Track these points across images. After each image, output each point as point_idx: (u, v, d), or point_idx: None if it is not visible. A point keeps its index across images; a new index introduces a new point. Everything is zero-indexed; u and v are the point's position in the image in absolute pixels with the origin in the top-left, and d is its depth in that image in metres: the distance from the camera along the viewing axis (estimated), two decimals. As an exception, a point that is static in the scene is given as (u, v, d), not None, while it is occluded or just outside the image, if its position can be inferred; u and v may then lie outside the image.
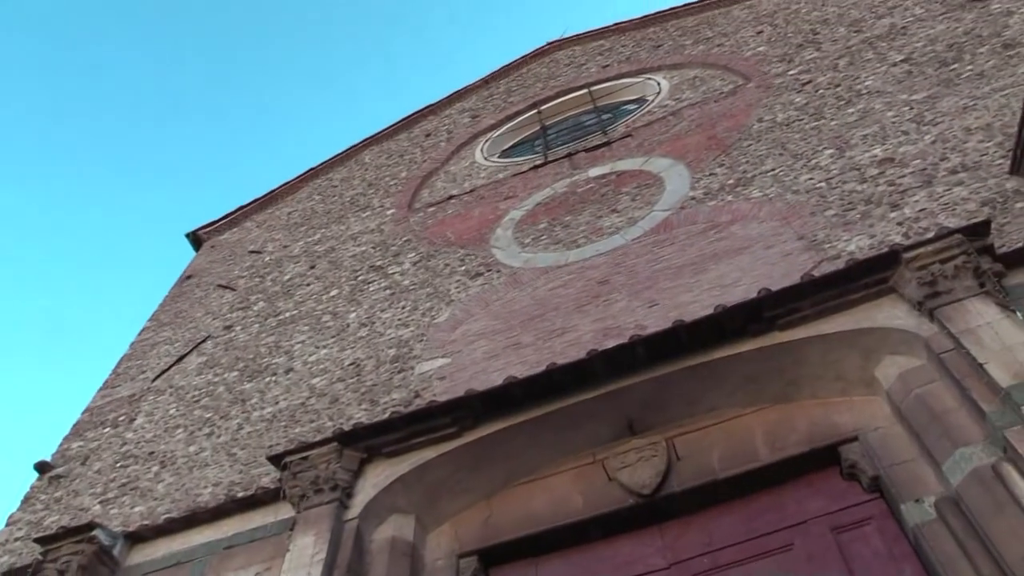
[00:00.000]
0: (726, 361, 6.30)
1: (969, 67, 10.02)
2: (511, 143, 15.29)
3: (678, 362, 6.38)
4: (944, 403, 5.45)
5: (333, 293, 11.63)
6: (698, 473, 6.16)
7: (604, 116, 14.50)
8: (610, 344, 6.95)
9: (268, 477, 7.79)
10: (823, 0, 14.40)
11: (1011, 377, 5.02)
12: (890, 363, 5.93)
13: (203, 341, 11.85)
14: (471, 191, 13.16)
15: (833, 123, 10.20)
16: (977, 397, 5.15)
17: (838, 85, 11.13)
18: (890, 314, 6.01)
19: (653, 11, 17.64)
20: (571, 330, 8.41)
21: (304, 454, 6.84)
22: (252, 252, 14.45)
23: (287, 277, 12.84)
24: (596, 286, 8.98)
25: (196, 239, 16.05)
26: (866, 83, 10.82)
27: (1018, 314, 5.54)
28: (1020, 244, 6.35)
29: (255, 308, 12.25)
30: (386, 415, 7.61)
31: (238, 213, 16.46)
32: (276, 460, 6.99)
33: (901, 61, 10.97)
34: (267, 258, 13.96)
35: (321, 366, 9.88)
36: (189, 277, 14.56)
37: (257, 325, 11.66)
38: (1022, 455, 4.73)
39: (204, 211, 50.40)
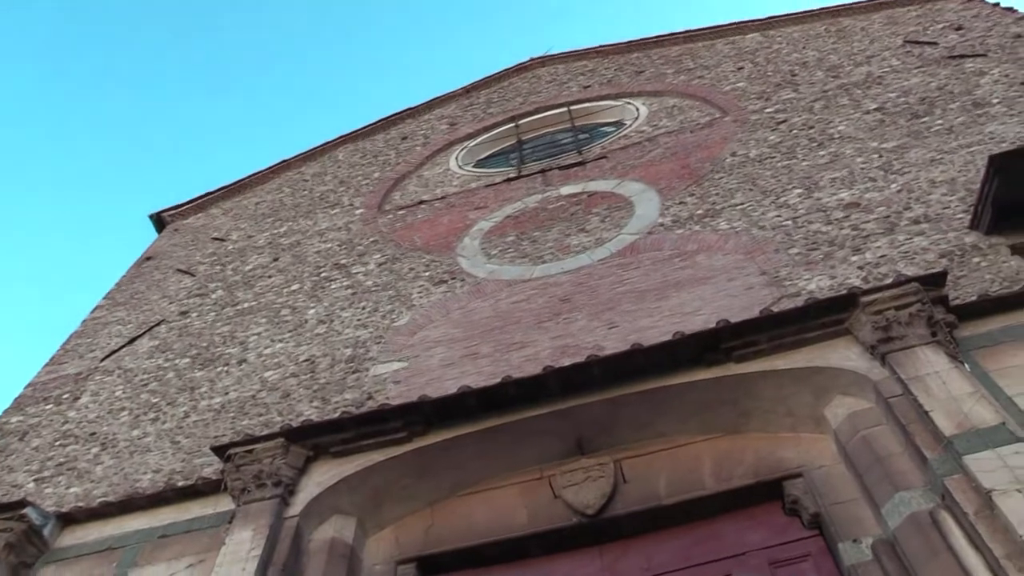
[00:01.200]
0: (680, 388, 6.35)
1: (939, 121, 10.25)
2: (486, 154, 15.32)
3: (633, 385, 6.41)
4: (888, 447, 5.54)
5: (294, 287, 11.52)
6: (643, 497, 6.18)
7: (581, 136, 14.59)
8: (567, 362, 6.97)
9: (211, 468, 7.67)
10: (804, 43, 14.66)
11: (954, 427, 5.11)
12: (840, 403, 6.02)
13: (157, 325, 11.66)
14: (442, 198, 13.14)
15: (804, 163, 10.36)
16: (920, 444, 5.23)
17: (812, 127, 11.32)
18: (843, 355, 6.10)
19: (639, 37, 17.84)
20: (530, 345, 8.42)
21: (249, 447, 6.74)
22: (215, 239, 14.27)
23: (249, 267, 12.70)
24: (558, 303, 9.00)
25: (160, 221, 15.83)
26: (839, 127, 11.02)
27: (966, 366, 5.66)
28: (974, 298, 6.49)
29: (213, 296, 12.09)
30: (337, 414, 7.55)
31: (205, 198, 16.27)
32: (220, 451, 6.88)
33: (874, 109, 11.19)
34: (230, 246, 13.80)
35: (275, 360, 9.77)
36: (149, 259, 14.34)
37: (214, 313, 11.51)
38: (960, 504, 4.81)
39: (171, 193, 49.84)
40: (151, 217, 15.86)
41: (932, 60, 12.13)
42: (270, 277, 12.11)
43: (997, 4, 13.46)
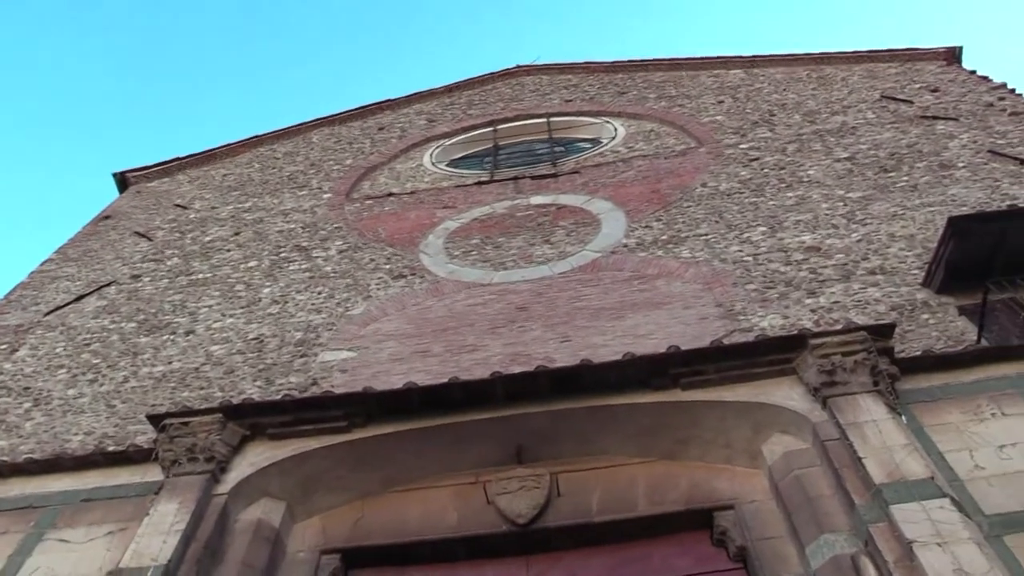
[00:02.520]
0: (624, 409, 6.38)
1: (905, 178, 10.48)
2: (461, 154, 15.31)
3: (578, 400, 6.43)
4: (819, 488, 5.62)
5: (252, 264, 11.39)
6: (575, 512, 6.20)
7: (557, 148, 14.65)
8: (516, 370, 6.98)
9: (144, 436, 7.54)
10: (785, 85, 14.90)
11: (885, 476, 5.21)
12: (777, 440, 6.10)
13: (107, 285, 11.45)
14: (412, 193, 13.10)
15: (771, 203, 10.52)
16: (851, 489, 5.32)
17: (783, 168, 11.49)
18: (787, 394, 6.19)
19: (625, 59, 17.98)
20: (481, 349, 8.42)
21: (186, 419, 6.63)
22: (178, 206, 14.07)
23: (208, 238, 12.53)
24: (514, 311, 9.02)
25: (123, 181, 15.56)
26: (809, 172, 11.21)
27: (903, 418, 5.78)
28: (918, 353, 6.64)
29: (168, 263, 11.91)
30: (279, 396, 7.46)
31: (172, 163, 16.03)
32: (156, 420, 6.75)
33: (845, 158, 11.40)
34: (192, 215, 13.61)
35: (224, 335, 9.65)
36: (107, 217, 14.08)
37: (167, 280, 11.33)
38: (881, 552, 4.90)
39: (140, 155, 49.02)
40: (115, 176, 15.59)
41: (906, 117, 12.40)
42: (228, 251, 11.96)
43: (974, 72, 13.81)
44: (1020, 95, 12.42)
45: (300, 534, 6.44)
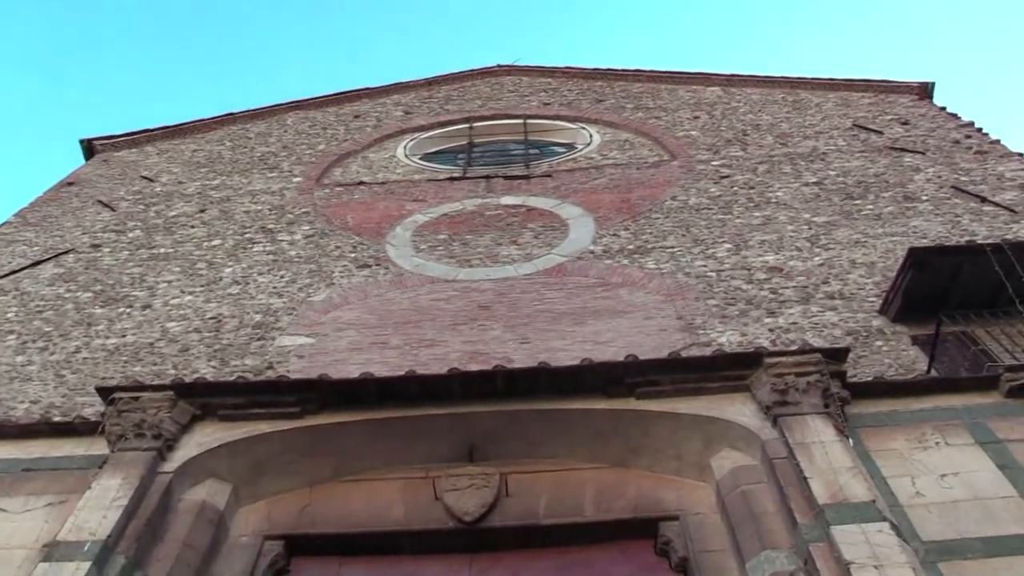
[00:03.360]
0: (578, 414, 6.41)
1: (871, 206, 10.66)
2: (435, 149, 15.26)
3: (533, 403, 6.45)
4: (764, 505, 5.70)
5: (215, 243, 11.26)
6: (523, 514, 6.22)
7: (531, 150, 14.68)
8: (474, 368, 6.98)
9: (92, 409, 7.42)
10: (761, 106, 15.07)
11: (828, 497, 5.30)
12: (727, 455, 6.17)
13: (65, 253, 11.24)
14: (383, 183, 13.04)
15: (738, 221, 10.64)
16: (794, 507, 5.41)
17: (752, 187, 11.63)
18: (739, 410, 6.26)
19: (606, 67, 18.06)
20: (441, 344, 8.41)
21: (136, 394, 6.53)
22: (144, 178, 13.85)
23: (173, 213, 12.36)
24: (477, 309, 9.02)
25: (90, 148, 15.28)
26: (777, 193, 11.35)
27: (850, 441, 5.88)
28: (870, 378, 6.77)
29: (130, 235, 11.72)
30: (233, 378, 7.39)
31: (142, 135, 15.78)
32: (105, 393, 6.65)
33: (813, 183, 11.56)
34: (158, 188, 13.41)
35: (181, 312, 9.53)
36: (71, 184, 13.82)
37: (127, 252, 11.16)
38: (820, 571, 4.99)
39: (109, 124, 48.19)
40: (82, 143, 15.30)
41: (875, 147, 12.62)
42: (193, 227, 11.81)
43: (944, 109, 14.09)
44: (987, 134, 12.70)
45: (244, 518, 6.38)
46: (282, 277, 10.15)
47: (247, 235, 11.43)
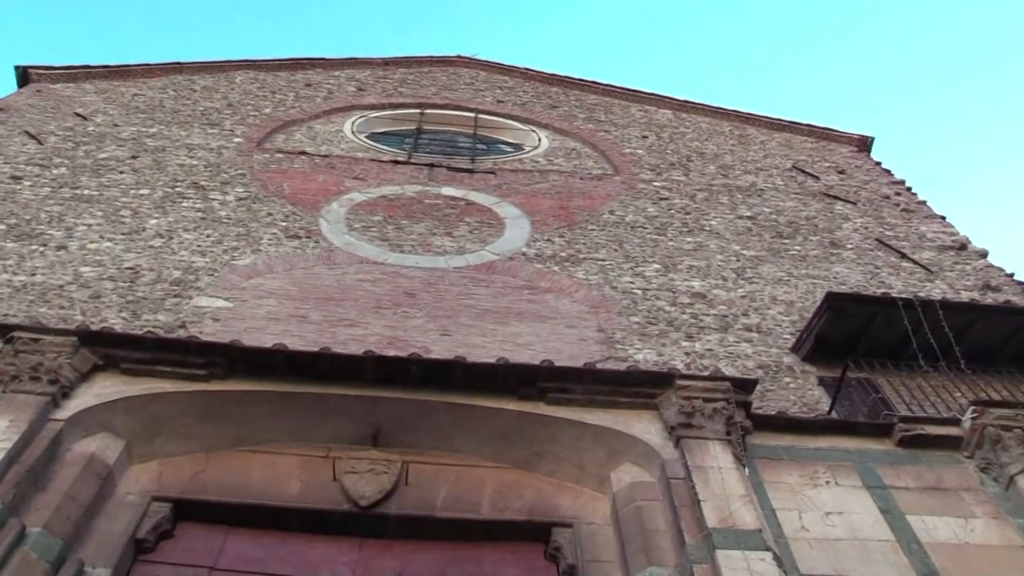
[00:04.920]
0: (487, 412, 6.43)
1: (798, 247, 10.96)
2: (383, 130, 15.12)
3: (444, 395, 6.44)
4: (656, 522, 5.80)
5: (143, 192, 10.93)
6: (419, 504, 6.20)
7: (479, 145, 14.66)
8: (391, 353, 6.94)
9: (-13, 345, 7.11)
10: (708, 136, 15.36)
11: (718, 521, 5.44)
12: (627, 470, 6.26)
13: (-19, 180, 10.77)
14: (325, 156, 12.86)
15: (671, 243, 10.82)
16: (684, 528, 5.52)
17: (688, 213, 11.84)
18: (645, 427, 6.36)
19: (563, 74, 18.15)
20: (361, 326, 8.34)
21: (37, 336, 6.30)
22: (78, 115, 13.36)
23: (103, 155, 11.96)
24: (402, 295, 8.97)
25: (25, 76, 14.66)
26: (712, 222, 11.59)
27: (746, 470, 6.04)
28: (773, 412, 6.96)
29: (54, 171, 11.29)
30: (142, 332, 7.18)
31: (81, 70, 15.21)
32: (3, 330, 6.39)
33: (747, 217, 11.84)
34: (91, 128, 12.95)
35: (97, 258, 9.22)
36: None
37: (49, 189, 10.75)
38: (700, 592, 5.11)
39: (48, 54, 46.35)
40: (17, 68, 14.66)
41: (810, 191, 12.99)
42: (122, 173, 11.44)
43: (879, 163, 14.59)
44: (915, 194, 13.21)
45: (134, 476, 6.21)
46: (208, 236, 9.92)
47: (178, 189, 11.13)
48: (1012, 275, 10.63)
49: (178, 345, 6.51)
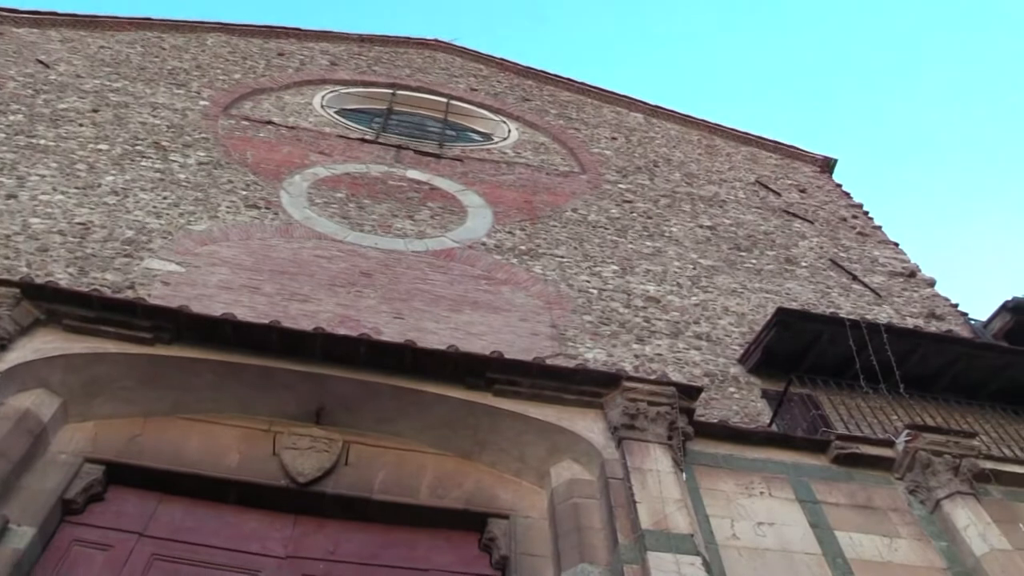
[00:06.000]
0: (432, 398, 6.42)
1: (754, 260, 11.12)
2: (353, 107, 14.98)
3: (391, 378, 6.41)
4: (592, 520, 5.86)
5: (102, 147, 10.70)
6: (357, 485, 6.17)
7: (448, 131, 14.60)
8: (341, 331, 6.89)
9: (-76, 289, 6.90)
10: (676, 143, 15.49)
11: (652, 523, 5.50)
12: (567, 467, 6.31)
13: (-67, 120, 10.45)
14: (292, 128, 12.71)
15: (630, 246, 10.90)
16: (619, 527, 5.59)
17: (650, 217, 11.93)
18: (588, 426, 6.41)
19: (539, 68, 18.16)
20: (313, 302, 8.27)
21: (-24, 284, 6.14)
22: (40, 62, 13.02)
23: (63, 106, 11.67)
24: (357, 275, 8.91)
25: (-13, 17, 14.24)
26: (672, 229, 11.69)
27: (684, 475, 6.12)
28: (715, 420, 7.05)
29: (11, 118, 10.99)
30: (88, 289, 7.03)
31: (47, 16, 14.81)
32: (-58, 276, 6.22)
33: (707, 226, 11.97)
34: (53, 77, 12.63)
35: (48, 210, 9.00)
36: (-44, 50, 12.85)
37: (3, 135, 10.46)
38: (629, 592, 5.18)
39: None
40: (-21, 9, 14.25)
41: (770, 207, 13.17)
42: (81, 126, 11.18)
43: (839, 186, 14.85)
44: (871, 218, 13.47)
45: (68, 436, 6.08)
46: (165, 198, 9.74)
47: (138, 147, 10.91)
48: (956, 305, 10.92)
49: (125, 306, 6.38)
